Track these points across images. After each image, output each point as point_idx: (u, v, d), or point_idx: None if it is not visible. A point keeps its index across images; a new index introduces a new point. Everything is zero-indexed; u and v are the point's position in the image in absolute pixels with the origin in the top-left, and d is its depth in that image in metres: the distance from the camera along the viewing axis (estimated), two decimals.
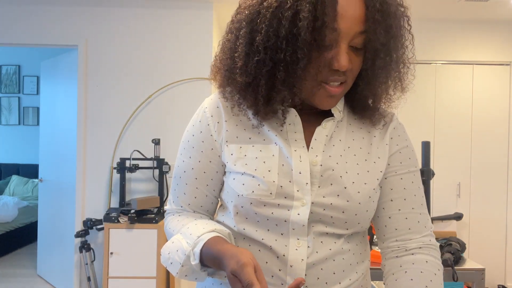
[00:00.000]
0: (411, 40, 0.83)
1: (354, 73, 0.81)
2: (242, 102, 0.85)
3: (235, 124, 0.88)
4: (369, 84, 0.83)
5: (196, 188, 0.91)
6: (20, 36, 3.52)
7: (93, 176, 3.51)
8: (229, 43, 0.83)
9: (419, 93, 3.90)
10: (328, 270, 0.82)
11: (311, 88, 0.80)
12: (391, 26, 0.77)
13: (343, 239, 0.84)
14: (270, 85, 0.79)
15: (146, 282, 3.06)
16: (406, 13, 0.80)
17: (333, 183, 0.82)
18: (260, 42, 0.76)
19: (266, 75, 0.77)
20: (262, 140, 0.85)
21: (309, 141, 0.85)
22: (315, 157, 0.83)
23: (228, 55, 0.83)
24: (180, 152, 0.94)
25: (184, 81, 3.52)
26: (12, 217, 4.96)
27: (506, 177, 3.95)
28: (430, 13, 3.77)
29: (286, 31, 0.73)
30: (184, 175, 0.91)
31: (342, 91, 0.81)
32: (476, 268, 1.97)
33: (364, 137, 0.89)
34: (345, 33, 0.75)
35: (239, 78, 0.80)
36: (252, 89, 0.80)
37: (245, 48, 0.78)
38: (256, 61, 0.77)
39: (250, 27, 0.78)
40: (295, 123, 0.85)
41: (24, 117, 5.95)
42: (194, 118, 0.93)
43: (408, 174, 0.89)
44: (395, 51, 0.80)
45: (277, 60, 0.76)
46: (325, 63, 0.77)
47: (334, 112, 0.87)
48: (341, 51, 0.76)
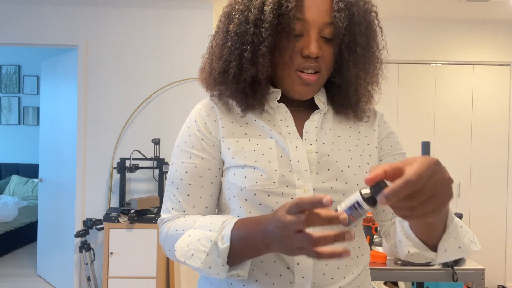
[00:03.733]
0: (380, 33, 0.90)
1: (326, 62, 0.86)
2: (222, 94, 0.91)
3: (230, 122, 0.90)
4: (341, 72, 0.89)
5: (202, 187, 0.88)
6: (20, 36, 3.51)
7: (93, 176, 3.51)
8: (211, 42, 0.93)
9: (419, 93, 3.91)
10: (332, 265, 0.84)
11: (287, 75, 0.86)
12: (354, 15, 0.84)
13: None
14: (240, 66, 0.85)
15: (146, 282, 3.06)
16: (372, 8, 0.88)
17: (330, 168, 0.85)
18: (232, 30, 0.85)
19: (237, 58, 0.85)
20: (258, 136, 0.88)
21: (301, 135, 0.89)
22: (309, 145, 0.87)
23: (210, 51, 0.92)
24: (176, 156, 0.91)
25: (184, 81, 3.52)
26: (12, 217, 4.96)
27: (506, 177, 3.95)
28: (430, 13, 3.77)
29: (254, 17, 0.82)
30: (185, 176, 0.88)
31: (316, 79, 0.86)
32: (476, 268, 1.97)
33: (352, 126, 0.94)
34: (313, 23, 0.83)
35: (215, 64, 0.88)
36: (226, 73, 0.87)
37: (221, 40, 0.88)
38: (229, 46, 0.85)
39: (227, 21, 0.87)
40: (286, 118, 0.89)
41: (24, 117, 5.95)
42: (188, 121, 0.93)
43: (400, 156, 0.95)
44: (360, 38, 0.86)
45: (245, 42, 0.83)
46: (297, 50, 0.84)
47: (319, 104, 0.92)
48: (311, 38, 0.83)
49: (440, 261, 0.79)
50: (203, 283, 0.93)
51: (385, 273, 1.97)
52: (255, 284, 0.82)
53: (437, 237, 0.76)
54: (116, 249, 3.06)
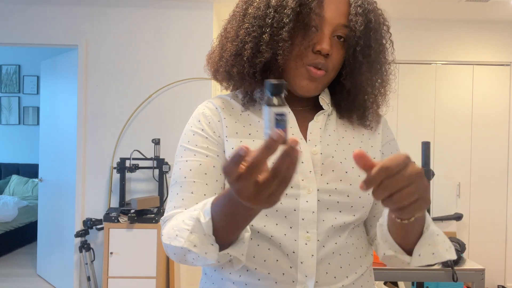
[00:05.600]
0: (390, 39, 0.91)
1: (334, 63, 0.86)
2: (230, 80, 0.90)
3: (234, 122, 0.90)
4: (352, 76, 0.88)
5: (206, 185, 0.86)
6: (20, 36, 3.52)
7: (93, 176, 3.51)
8: (224, 26, 0.91)
9: (419, 94, 3.91)
10: (335, 264, 0.84)
11: (294, 68, 0.86)
12: (371, 21, 0.85)
13: (347, 232, 0.87)
14: (256, 48, 0.84)
15: (146, 282, 3.06)
16: (383, 14, 0.90)
17: (334, 169, 0.85)
18: (250, 13, 0.85)
19: (253, 40, 0.84)
20: (261, 137, 0.87)
21: (305, 136, 0.88)
22: (314, 147, 0.87)
23: (223, 33, 0.91)
24: (180, 155, 0.90)
25: (184, 81, 3.52)
26: (12, 216, 4.96)
27: (506, 177, 3.95)
28: (430, 13, 3.77)
29: (276, 3, 0.83)
30: (190, 173, 0.86)
31: (322, 76, 0.85)
32: (476, 268, 1.97)
33: (355, 128, 0.94)
34: (329, 21, 0.84)
35: (229, 44, 0.87)
36: (239, 56, 0.85)
37: (237, 22, 0.87)
38: (246, 27, 0.85)
39: (246, 5, 0.87)
40: (289, 119, 0.88)
41: (24, 117, 5.95)
42: (191, 121, 0.92)
43: None
44: (375, 43, 0.87)
45: (264, 24, 0.83)
46: (309, 45, 0.84)
47: (323, 104, 0.92)
48: (324, 35, 0.84)
49: (414, 265, 0.82)
50: (204, 283, 0.92)
51: (385, 273, 1.97)
52: (258, 283, 0.83)
53: (413, 242, 0.79)
54: (116, 249, 3.06)
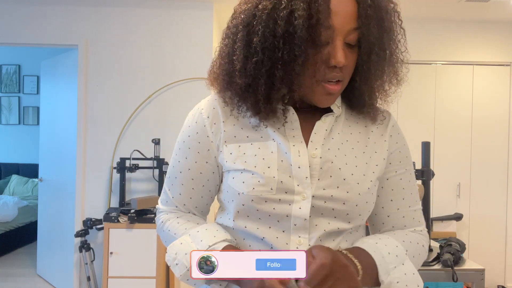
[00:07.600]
0: (403, 34, 0.86)
1: (350, 70, 0.83)
2: (241, 105, 0.86)
3: (232, 124, 0.89)
4: (366, 79, 0.85)
5: (192, 189, 0.92)
6: (20, 36, 3.51)
7: (93, 176, 3.51)
8: (226, 48, 0.85)
9: (419, 94, 3.91)
10: None
11: (310, 86, 0.82)
12: (383, 20, 0.80)
13: (341, 237, 0.85)
14: (270, 84, 0.80)
15: (146, 282, 3.06)
16: (396, 9, 0.84)
17: (332, 175, 0.83)
18: (257, 43, 0.78)
19: (265, 75, 0.79)
20: (260, 138, 0.86)
21: (308, 137, 0.86)
22: (314, 149, 0.85)
23: (226, 59, 0.85)
24: (175, 153, 0.95)
25: (184, 81, 3.52)
26: (12, 216, 4.96)
27: (506, 177, 3.95)
28: (430, 13, 3.77)
29: (282, 30, 0.76)
30: (180, 175, 0.93)
31: (340, 89, 0.83)
32: (476, 268, 1.97)
33: (361, 131, 0.91)
34: (339, 29, 0.78)
35: (238, 80, 0.82)
36: (252, 89, 0.82)
37: (243, 51, 0.80)
38: (255, 62, 0.79)
39: (247, 30, 0.80)
40: (292, 120, 0.86)
41: (24, 117, 5.95)
42: (190, 119, 0.93)
43: (405, 174, 0.93)
44: (389, 45, 0.83)
45: (275, 59, 0.78)
46: (322, 60, 0.79)
47: (333, 107, 0.89)
48: (337, 47, 0.78)
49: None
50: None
51: None
52: None
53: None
54: (116, 249, 3.06)
